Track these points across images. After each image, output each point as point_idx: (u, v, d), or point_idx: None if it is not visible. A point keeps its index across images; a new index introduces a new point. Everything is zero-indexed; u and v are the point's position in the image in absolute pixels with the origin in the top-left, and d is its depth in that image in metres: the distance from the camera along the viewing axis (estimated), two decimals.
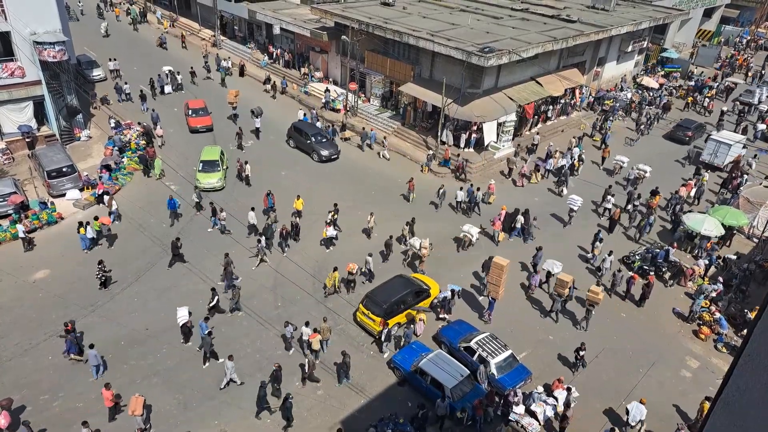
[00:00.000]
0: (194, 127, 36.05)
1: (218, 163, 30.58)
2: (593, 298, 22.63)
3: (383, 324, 20.94)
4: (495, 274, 22.17)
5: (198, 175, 30.08)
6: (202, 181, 29.87)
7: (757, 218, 29.61)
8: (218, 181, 30.14)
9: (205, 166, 30.48)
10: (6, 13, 28.50)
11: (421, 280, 23.68)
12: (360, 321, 22.04)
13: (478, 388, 19.20)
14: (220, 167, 30.52)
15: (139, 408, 16.89)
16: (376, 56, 39.11)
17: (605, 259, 25.43)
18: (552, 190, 33.35)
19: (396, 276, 23.37)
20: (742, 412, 5.51)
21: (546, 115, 40.87)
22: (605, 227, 29.48)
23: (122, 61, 43.62)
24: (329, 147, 34.53)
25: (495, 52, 31.94)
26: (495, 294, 22.56)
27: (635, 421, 18.30)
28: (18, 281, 23.03)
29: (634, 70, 51.79)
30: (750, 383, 5.36)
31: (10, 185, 27.10)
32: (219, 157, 30.96)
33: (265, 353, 20.75)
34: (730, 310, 24.28)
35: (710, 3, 61.56)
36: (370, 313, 21.41)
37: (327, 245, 26.52)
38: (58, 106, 31.96)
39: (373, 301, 21.60)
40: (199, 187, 29.45)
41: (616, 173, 35.21)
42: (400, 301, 21.81)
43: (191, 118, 36.29)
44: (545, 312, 23.60)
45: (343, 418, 18.58)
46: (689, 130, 40.29)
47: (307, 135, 34.77)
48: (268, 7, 48.21)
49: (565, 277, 23.27)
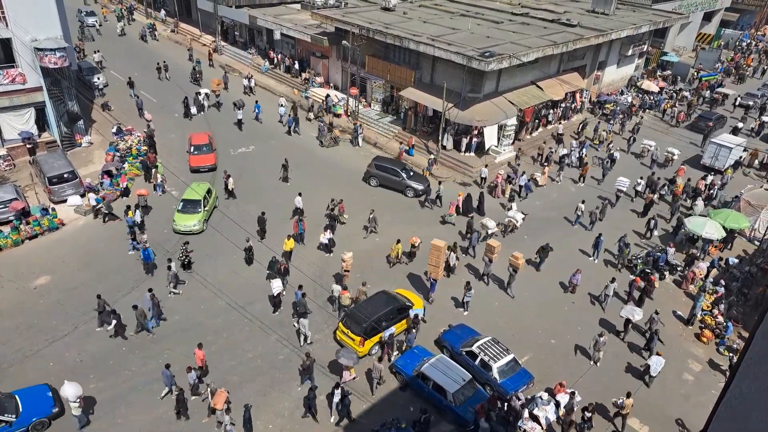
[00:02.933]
0: (195, 167, 32.37)
1: (200, 204, 27.41)
2: (514, 262, 24.46)
3: (362, 343, 20.31)
4: (434, 256, 22.96)
5: (176, 216, 27.03)
6: (178, 222, 26.79)
7: (759, 221, 29.59)
8: (197, 224, 26.89)
9: (186, 205, 27.35)
10: (7, 20, 28.60)
11: (405, 296, 22.72)
12: (339, 339, 21.16)
13: (480, 393, 19.15)
14: (201, 208, 27.35)
15: (220, 403, 17.22)
16: (377, 61, 39.20)
17: (608, 286, 23.83)
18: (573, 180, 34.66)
19: (378, 292, 22.43)
20: (745, 415, 5.50)
21: (546, 119, 40.95)
22: (638, 211, 31.40)
23: (108, 54, 46.30)
24: (421, 180, 32.09)
25: (495, 57, 32.01)
26: (435, 275, 23.36)
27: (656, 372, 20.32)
28: (19, 287, 23.03)
29: (635, 73, 51.89)
30: (752, 386, 5.36)
31: (11, 191, 27.11)
32: (204, 196, 27.81)
33: (267, 357, 20.73)
34: (731, 313, 24.22)
35: (710, 7, 61.71)
36: (350, 332, 20.57)
37: (326, 250, 26.33)
38: (59, 113, 32.02)
39: (353, 319, 20.73)
40: (175, 229, 26.78)
41: (643, 156, 37.25)
42: (382, 319, 20.81)
43: (192, 156, 32.68)
44: (545, 314, 23.59)
45: (345, 424, 18.55)
46: (710, 121, 41.94)
47: (396, 172, 31.89)
48: (269, 13, 48.39)
49: (494, 242, 24.80)
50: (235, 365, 20.31)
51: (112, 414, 18.21)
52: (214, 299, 23.15)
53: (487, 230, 27.77)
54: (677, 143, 39.46)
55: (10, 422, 16.78)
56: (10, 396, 17.41)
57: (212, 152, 33.05)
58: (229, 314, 22.55)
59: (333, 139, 36.75)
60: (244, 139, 36.45)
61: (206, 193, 28.26)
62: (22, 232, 25.76)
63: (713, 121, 42.06)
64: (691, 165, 36.98)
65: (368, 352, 20.75)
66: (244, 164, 33.69)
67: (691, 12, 56.03)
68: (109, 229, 27.19)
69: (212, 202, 28.79)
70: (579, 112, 43.89)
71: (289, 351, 21.01)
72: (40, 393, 17.95)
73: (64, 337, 20.85)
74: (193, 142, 33.33)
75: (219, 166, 32.82)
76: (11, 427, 16.82)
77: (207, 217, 27.93)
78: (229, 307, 22.82)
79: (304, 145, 36.64)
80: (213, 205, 28.91)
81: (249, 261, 25.21)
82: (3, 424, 16.70)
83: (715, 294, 24.76)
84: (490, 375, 19.62)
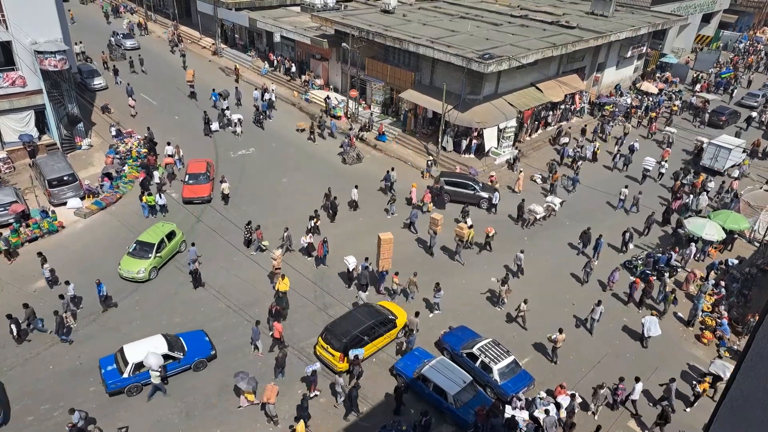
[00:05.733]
0: (187, 198, 29.29)
1: (153, 249, 24.19)
2: (459, 232, 26.23)
3: (343, 359, 19.57)
4: (384, 249, 23.58)
5: (123, 259, 24.24)
6: (122, 267, 23.91)
7: (758, 222, 29.60)
8: (142, 271, 23.57)
9: (138, 248, 24.34)
10: (7, 23, 28.64)
11: (388, 309, 21.98)
12: (319, 355, 20.43)
13: (480, 395, 19.14)
14: (153, 254, 24.08)
15: (273, 396, 17.62)
16: (377, 63, 39.25)
17: (594, 310, 22.72)
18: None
19: (360, 305, 21.99)
20: (746, 416, 5.50)
21: (546, 121, 41.00)
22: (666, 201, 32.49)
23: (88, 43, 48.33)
24: (490, 190, 31.32)
25: (495, 59, 32.07)
26: (385, 266, 24.02)
27: (649, 332, 21.77)
28: (19, 290, 23.02)
29: (633, 75, 51.98)
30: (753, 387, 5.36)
31: (11, 194, 27.12)
32: (162, 239, 24.66)
33: (267, 359, 20.70)
34: (732, 314, 24.22)
35: (708, 8, 61.81)
36: (329, 347, 19.80)
37: (308, 254, 25.95)
38: (58, 115, 32.05)
39: (333, 333, 19.94)
40: (119, 273, 24.01)
41: (665, 144, 38.72)
42: (363, 333, 20.12)
43: (186, 185, 29.63)
44: (545, 315, 23.58)
45: (346, 426, 18.54)
46: (723, 115, 43.65)
47: (469, 185, 31.11)
48: (269, 15, 48.48)
49: (437, 216, 26.43)
50: (236, 367, 20.27)
51: (112, 417, 18.19)
52: (215, 301, 23.14)
53: (535, 215, 29.49)
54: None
55: (178, 359, 19.47)
56: (176, 338, 20.08)
57: (209, 182, 30.11)
58: (229, 317, 22.53)
59: (357, 156, 35.08)
60: (245, 143, 36.50)
61: (166, 237, 25.01)
62: (22, 234, 25.77)
63: (726, 116, 43.56)
64: (690, 165, 37.03)
65: (350, 368, 19.85)
66: (244, 167, 33.74)
67: (689, 14, 56.11)
68: (110, 231, 27.18)
69: (172, 247, 25.33)
70: (579, 115, 43.92)
71: (289, 353, 20.96)
72: (200, 337, 20.60)
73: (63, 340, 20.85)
74: (189, 170, 30.54)
75: (219, 167, 32.88)
76: (179, 364, 19.52)
77: (160, 264, 24.68)
78: (229, 309, 22.81)
79: (325, 157, 35.58)
80: (173, 250, 25.51)
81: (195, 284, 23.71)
82: (173, 360, 19.31)
83: (717, 295, 24.76)
84: (491, 377, 19.62)
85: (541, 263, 26.76)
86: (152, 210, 28.32)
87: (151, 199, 28.18)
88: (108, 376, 18.71)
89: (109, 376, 18.71)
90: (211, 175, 30.91)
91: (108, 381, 18.63)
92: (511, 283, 24.23)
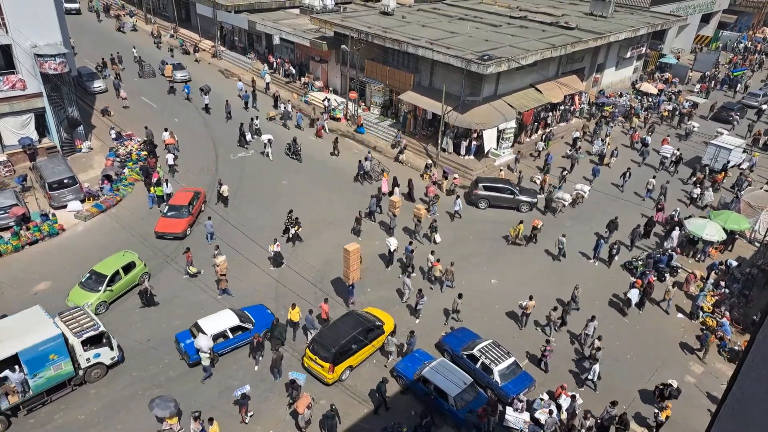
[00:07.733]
0: (159, 233, 26.85)
1: (104, 281, 22.14)
2: (417, 213, 27.66)
3: (332, 369, 19.37)
4: (352, 261, 22.35)
5: (73, 289, 22.35)
6: (70, 298, 21.94)
7: (759, 222, 29.58)
8: (87, 306, 20.96)
9: (90, 279, 22.39)
10: (7, 26, 28.67)
11: (375, 316, 21.77)
12: (308, 367, 20.09)
13: (481, 396, 19.12)
14: (104, 287, 22.07)
15: (302, 406, 17.61)
16: (376, 65, 39.27)
17: (587, 326, 22.10)
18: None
19: (345, 314, 21.61)
20: (747, 418, 5.49)
21: (546, 122, 40.98)
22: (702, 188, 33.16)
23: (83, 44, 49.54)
24: (529, 193, 31.68)
25: (494, 60, 32.08)
26: (354, 278, 22.87)
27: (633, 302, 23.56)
28: (20, 293, 23.02)
29: (632, 75, 52.00)
30: (754, 388, 5.35)
31: (12, 197, 27.15)
32: (117, 271, 22.62)
33: (267, 361, 20.67)
34: (733, 315, 24.19)
35: (708, 9, 61.86)
36: (317, 358, 19.47)
37: (276, 264, 25.31)
38: (59, 118, 32.07)
39: (320, 344, 19.62)
40: (67, 305, 21.50)
41: (686, 137, 40.44)
42: (351, 342, 19.86)
43: (162, 218, 27.33)
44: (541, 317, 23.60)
45: (347, 428, 18.51)
46: (732, 111, 44.85)
47: (508, 189, 30.94)
48: (268, 18, 48.52)
49: (396, 198, 27.82)
50: (236, 369, 20.31)
51: (112, 419, 18.19)
52: (215, 304, 23.11)
53: (563, 202, 30.72)
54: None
55: (249, 329, 21.14)
56: (243, 311, 21.86)
57: (187, 217, 27.31)
58: None
59: (382, 170, 33.59)
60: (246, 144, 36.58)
61: (123, 269, 22.97)
62: (23, 237, 25.79)
63: (735, 111, 44.80)
64: (689, 165, 37.02)
65: (339, 377, 19.85)
66: (244, 168, 33.75)
67: (688, 14, 56.16)
68: (110, 234, 27.19)
69: (128, 281, 23.22)
70: (578, 116, 43.92)
71: (289, 355, 20.96)
72: (262, 310, 22.40)
73: None
74: (171, 201, 28.31)
75: (219, 169, 32.87)
76: (249, 334, 21.01)
77: (111, 299, 22.67)
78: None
79: (343, 168, 34.73)
80: (130, 283, 23.35)
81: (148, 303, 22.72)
82: (243, 331, 21.05)
83: (719, 296, 24.73)
84: (492, 378, 19.60)
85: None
86: (160, 200, 29.08)
87: (159, 190, 29.04)
88: (188, 348, 20.10)
89: (189, 348, 20.07)
90: (196, 209, 28.24)
91: (191, 353, 19.99)
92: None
